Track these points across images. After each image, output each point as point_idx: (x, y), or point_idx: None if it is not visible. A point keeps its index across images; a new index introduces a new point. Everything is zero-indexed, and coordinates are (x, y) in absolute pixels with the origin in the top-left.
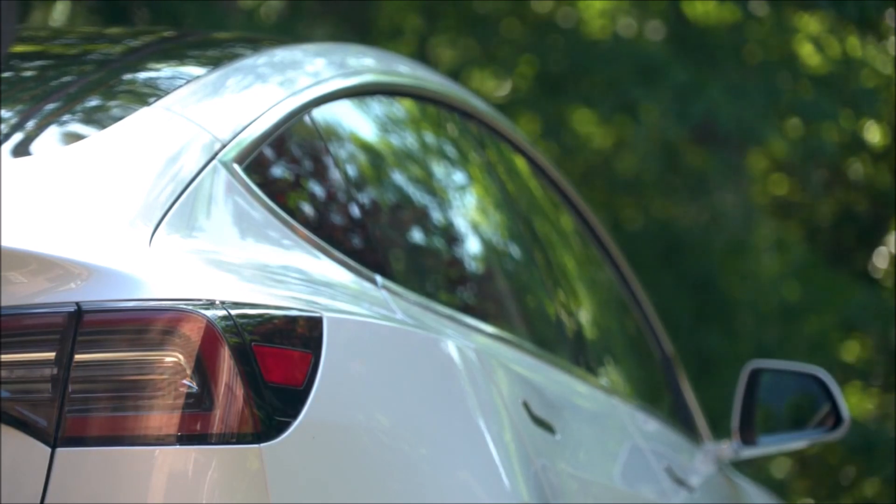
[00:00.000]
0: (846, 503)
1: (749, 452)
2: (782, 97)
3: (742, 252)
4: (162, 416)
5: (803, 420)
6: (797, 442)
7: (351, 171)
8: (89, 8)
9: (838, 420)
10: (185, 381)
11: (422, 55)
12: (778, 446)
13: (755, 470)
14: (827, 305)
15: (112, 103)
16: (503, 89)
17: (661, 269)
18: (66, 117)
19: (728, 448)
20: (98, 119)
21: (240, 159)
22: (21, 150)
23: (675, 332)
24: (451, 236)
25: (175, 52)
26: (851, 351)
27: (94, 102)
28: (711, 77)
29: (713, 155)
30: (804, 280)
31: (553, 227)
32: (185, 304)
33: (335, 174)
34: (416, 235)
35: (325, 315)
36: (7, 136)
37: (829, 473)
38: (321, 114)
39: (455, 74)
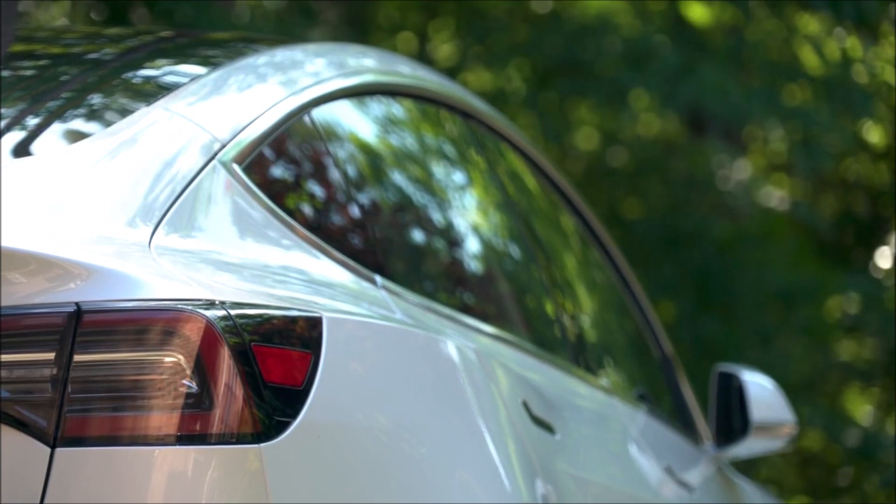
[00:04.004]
0: (846, 503)
1: (724, 454)
2: (779, 103)
3: (742, 237)
4: (162, 416)
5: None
6: (766, 443)
7: (351, 171)
8: (89, 7)
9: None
10: (184, 382)
11: (420, 51)
12: (750, 448)
13: (755, 469)
14: (825, 292)
15: (111, 103)
16: (499, 82)
17: (662, 258)
18: (65, 117)
19: (715, 448)
20: (97, 119)
21: (239, 159)
22: (21, 150)
23: (675, 321)
24: (451, 236)
25: (174, 51)
26: (850, 350)
27: (93, 102)
28: (704, 65)
29: (709, 144)
30: (803, 266)
31: (553, 227)
32: (185, 305)
33: (335, 174)
34: (416, 235)
35: (325, 315)
36: (7, 136)
37: (829, 473)
38: (321, 114)
39: (452, 71)
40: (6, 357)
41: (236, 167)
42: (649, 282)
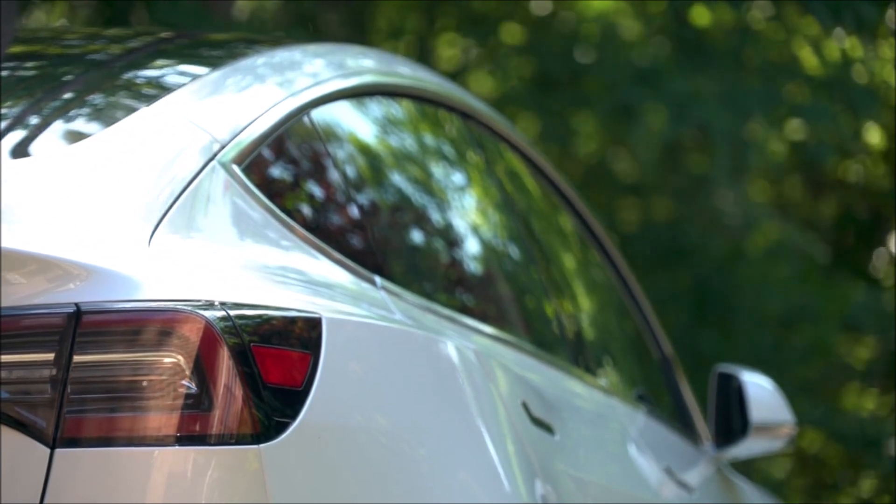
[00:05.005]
0: (845, 503)
1: (724, 454)
2: (780, 101)
3: (741, 255)
4: (161, 417)
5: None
6: (765, 444)
7: (350, 171)
8: (89, 7)
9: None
10: (184, 382)
11: (421, 55)
12: (749, 449)
13: (754, 470)
14: (825, 310)
15: (111, 103)
16: (500, 89)
17: (660, 272)
18: (65, 117)
19: (715, 448)
20: (97, 119)
21: (239, 160)
22: (21, 151)
23: (673, 335)
24: (451, 237)
25: (174, 52)
26: (850, 351)
27: (93, 102)
28: (709, 83)
29: (711, 152)
30: (803, 282)
31: (552, 228)
32: (184, 305)
33: (334, 175)
34: (416, 236)
35: (325, 316)
36: (7, 136)
37: (829, 473)
38: (320, 114)
39: (454, 75)
40: (6, 357)
41: (235, 168)
42: (646, 295)
